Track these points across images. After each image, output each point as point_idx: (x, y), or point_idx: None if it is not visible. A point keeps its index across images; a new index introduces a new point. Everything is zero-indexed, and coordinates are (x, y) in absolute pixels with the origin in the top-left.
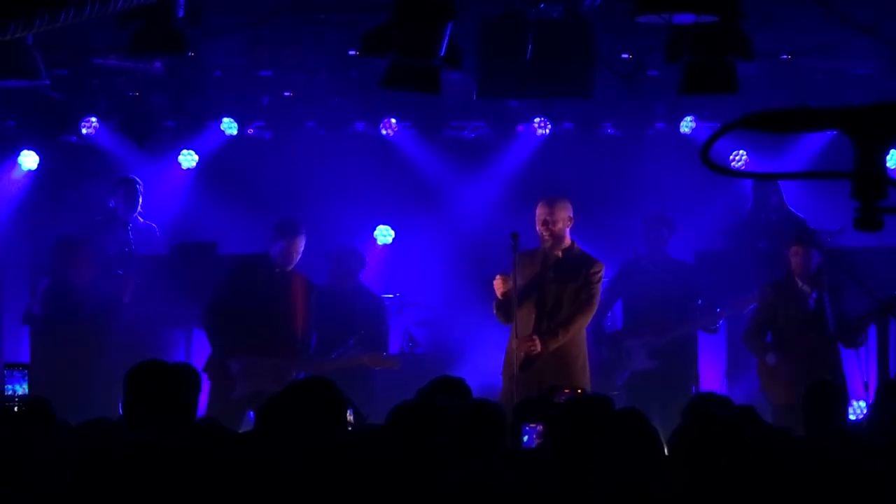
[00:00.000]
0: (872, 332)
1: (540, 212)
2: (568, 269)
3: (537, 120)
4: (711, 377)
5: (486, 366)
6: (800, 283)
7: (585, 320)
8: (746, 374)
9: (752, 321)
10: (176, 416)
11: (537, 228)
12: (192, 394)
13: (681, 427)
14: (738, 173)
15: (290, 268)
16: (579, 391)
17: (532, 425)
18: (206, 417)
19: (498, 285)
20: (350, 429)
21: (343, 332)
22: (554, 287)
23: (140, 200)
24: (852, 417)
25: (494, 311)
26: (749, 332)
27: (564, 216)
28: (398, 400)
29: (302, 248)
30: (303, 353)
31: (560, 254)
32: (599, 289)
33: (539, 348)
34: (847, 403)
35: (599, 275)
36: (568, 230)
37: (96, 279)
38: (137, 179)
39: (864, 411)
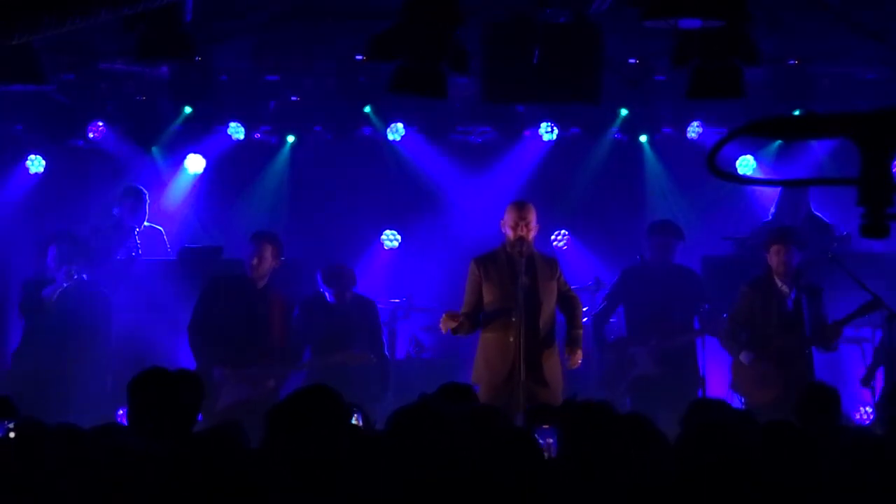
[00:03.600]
0: (878, 336)
1: (516, 215)
2: (539, 272)
3: (544, 125)
4: (719, 382)
5: None
6: (779, 283)
7: (581, 311)
8: None
9: (730, 320)
10: (178, 423)
11: (512, 231)
12: (193, 400)
13: (681, 436)
14: (743, 179)
15: (261, 275)
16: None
17: (546, 427)
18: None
19: (447, 324)
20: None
21: (343, 341)
22: (532, 291)
23: (147, 211)
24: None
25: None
26: (726, 331)
27: (536, 221)
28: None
29: (269, 257)
30: (282, 363)
31: (528, 255)
32: None
33: (580, 357)
34: (840, 405)
35: (561, 270)
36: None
37: None
38: (144, 189)
39: (870, 415)
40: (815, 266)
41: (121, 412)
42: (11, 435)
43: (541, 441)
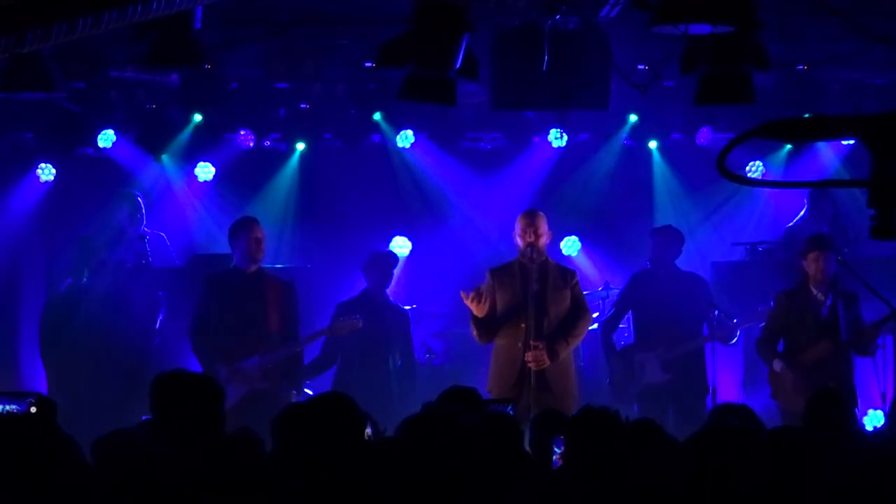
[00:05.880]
0: (889, 341)
1: (525, 222)
2: (551, 279)
3: (553, 131)
4: (728, 387)
5: None
6: (814, 291)
7: (587, 327)
8: (763, 383)
9: (766, 328)
10: (206, 425)
11: (521, 238)
12: (218, 404)
13: (697, 435)
14: (753, 181)
15: (258, 259)
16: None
17: (563, 438)
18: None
19: (474, 305)
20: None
21: (377, 348)
22: (540, 297)
23: (144, 212)
24: (870, 427)
25: (473, 332)
26: (761, 340)
27: (547, 228)
28: (415, 411)
29: (262, 237)
30: (282, 345)
31: (540, 265)
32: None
33: (548, 360)
34: (853, 411)
35: (578, 281)
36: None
37: None
38: (137, 192)
39: (882, 421)
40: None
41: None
42: (33, 410)
43: (556, 449)
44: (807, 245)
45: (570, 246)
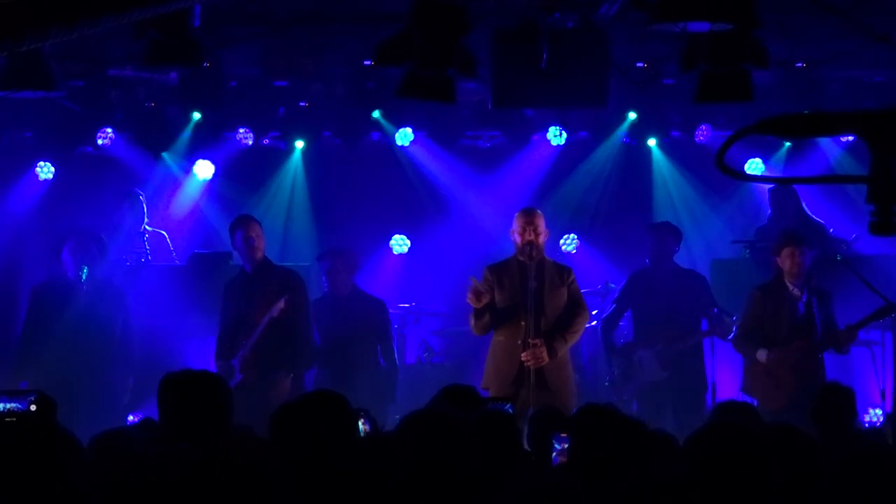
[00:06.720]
0: (889, 339)
1: (523, 220)
2: (548, 277)
3: (553, 129)
4: (728, 384)
5: None
6: (790, 286)
7: (584, 324)
8: None
9: (741, 324)
10: (213, 425)
11: (520, 237)
12: (226, 402)
13: (697, 432)
14: (752, 178)
15: (257, 257)
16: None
17: (563, 435)
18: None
19: (474, 297)
20: (363, 437)
21: (349, 341)
22: (539, 295)
23: (146, 211)
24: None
25: (472, 324)
26: (739, 336)
27: (545, 227)
28: (416, 408)
29: (255, 235)
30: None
31: (538, 263)
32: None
33: (547, 357)
34: (856, 409)
35: (575, 279)
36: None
37: None
38: (139, 192)
39: (881, 418)
40: (819, 268)
41: (131, 418)
42: (33, 408)
43: (556, 446)
44: (779, 241)
45: (569, 244)
